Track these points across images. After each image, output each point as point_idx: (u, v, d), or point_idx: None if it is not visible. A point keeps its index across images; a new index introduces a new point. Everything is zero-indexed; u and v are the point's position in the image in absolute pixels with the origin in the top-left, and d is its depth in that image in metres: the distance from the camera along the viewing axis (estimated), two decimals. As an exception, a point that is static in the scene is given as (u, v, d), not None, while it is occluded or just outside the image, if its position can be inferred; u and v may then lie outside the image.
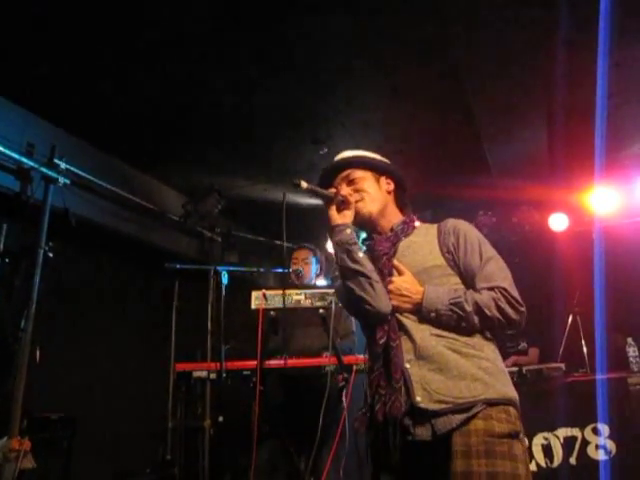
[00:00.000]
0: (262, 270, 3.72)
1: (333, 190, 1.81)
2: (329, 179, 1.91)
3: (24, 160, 3.63)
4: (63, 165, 3.71)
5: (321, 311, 3.06)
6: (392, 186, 1.92)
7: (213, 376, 3.05)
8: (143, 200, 4.85)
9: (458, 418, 1.49)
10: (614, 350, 4.14)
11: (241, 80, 3.62)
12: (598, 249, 4.67)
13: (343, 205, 1.80)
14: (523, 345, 4.87)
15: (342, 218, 1.79)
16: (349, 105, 4.02)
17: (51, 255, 3.39)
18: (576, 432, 3.58)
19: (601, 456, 3.47)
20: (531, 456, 3.51)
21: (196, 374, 3.13)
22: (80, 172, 4.04)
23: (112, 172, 4.58)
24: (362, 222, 1.86)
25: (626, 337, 4.10)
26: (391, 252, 1.80)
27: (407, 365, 1.60)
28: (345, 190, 1.83)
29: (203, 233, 5.55)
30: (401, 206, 1.94)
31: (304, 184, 1.69)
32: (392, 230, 1.85)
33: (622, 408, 3.52)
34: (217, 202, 5.04)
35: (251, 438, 2.82)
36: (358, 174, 1.88)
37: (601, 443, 3.49)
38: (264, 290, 3.21)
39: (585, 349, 4.38)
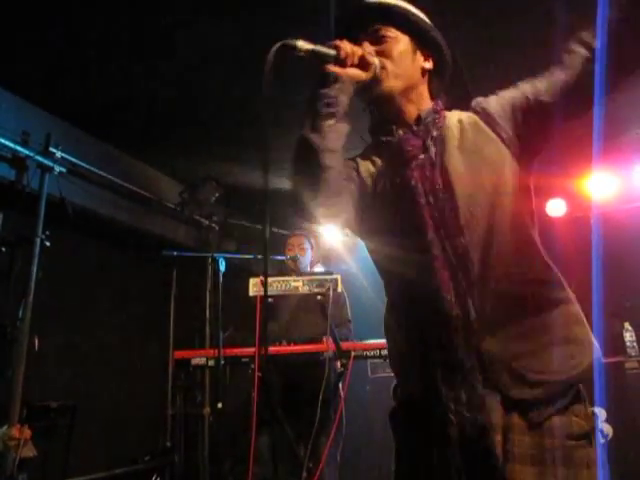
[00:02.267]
0: (259, 257, 3.71)
1: (343, 45, 1.23)
2: (349, 28, 1.38)
3: (19, 149, 3.61)
4: (59, 153, 3.69)
5: (319, 297, 3.06)
6: (430, 65, 1.40)
7: (212, 363, 3.05)
8: (140, 188, 4.83)
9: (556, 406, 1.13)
10: (611, 335, 4.16)
11: (235, 65, 3.60)
12: (596, 235, 4.66)
13: (358, 66, 1.26)
14: None
15: (348, 75, 1.24)
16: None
17: (48, 244, 3.38)
18: (573, 416, 3.60)
19: (597, 439, 3.50)
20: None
21: (195, 361, 3.13)
22: (76, 160, 4.02)
23: (108, 160, 4.56)
24: (376, 99, 1.34)
25: (623, 322, 4.12)
26: (432, 153, 1.28)
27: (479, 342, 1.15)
28: (368, 48, 1.30)
29: (200, 221, 5.54)
30: (434, 94, 1.41)
31: (303, 44, 1.19)
32: (419, 120, 1.33)
33: (619, 392, 3.54)
34: (214, 190, 5.03)
35: (250, 424, 2.83)
36: (391, 33, 1.34)
37: (598, 427, 3.52)
38: (262, 277, 3.21)
39: (582, 334, 4.40)
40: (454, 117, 1.35)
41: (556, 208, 5.57)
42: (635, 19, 1.12)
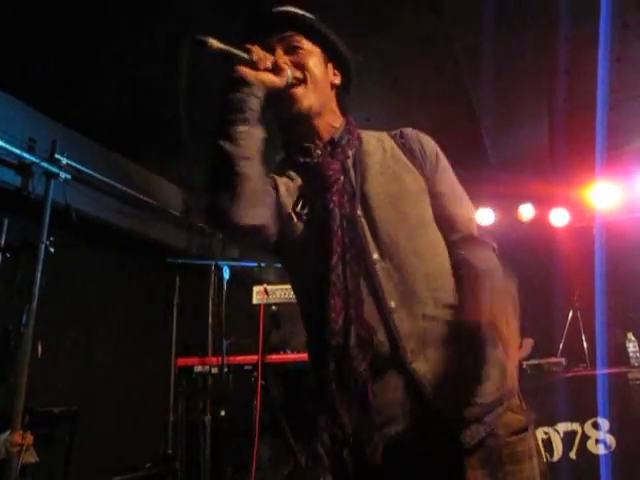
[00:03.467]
0: (263, 265, 3.72)
1: (255, 49, 1.20)
2: (261, 32, 1.31)
3: (25, 155, 3.63)
4: (64, 160, 3.71)
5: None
6: (338, 80, 1.36)
7: (214, 371, 3.06)
8: (144, 195, 4.85)
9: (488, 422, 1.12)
10: (614, 345, 4.15)
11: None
12: (599, 244, 4.68)
13: (271, 71, 1.22)
14: None
15: (259, 78, 1.19)
16: (350, 100, 4.01)
17: (52, 250, 3.39)
18: (576, 427, 3.58)
19: (601, 450, 3.48)
20: (531, 450, 3.52)
21: (197, 369, 3.14)
22: (81, 167, 4.04)
23: (113, 167, 4.58)
24: (295, 117, 1.28)
25: (626, 332, 4.11)
26: (352, 178, 1.25)
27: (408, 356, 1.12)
28: (282, 57, 1.25)
29: (204, 228, 5.55)
30: (342, 110, 1.38)
31: (214, 42, 1.15)
32: (333, 142, 1.30)
33: (622, 403, 3.53)
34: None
35: (252, 432, 2.83)
36: (305, 44, 1.29)
37: (601, 437, 3.50)
38: (265, 285, 3.22)
39: (585, 344, 4.39)
40: (372, 139, 1.33)
41: (559, 218, 5.57)
42: None
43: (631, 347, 4.02)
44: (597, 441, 3.51)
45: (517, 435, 1.14)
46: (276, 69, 1.21)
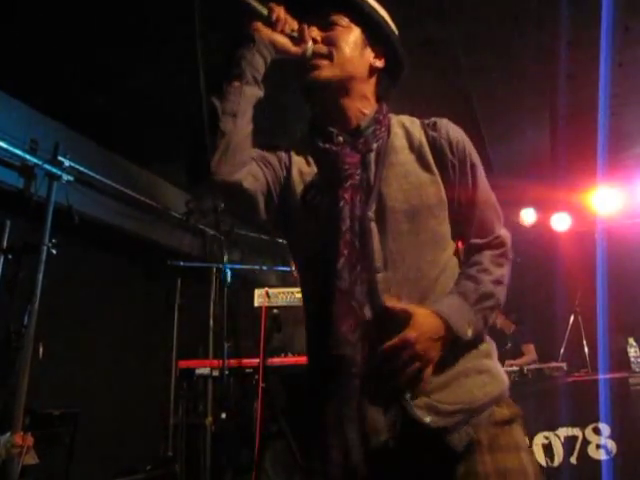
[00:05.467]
0: (265, 268, 3.73)
1: (277, 9, 1.17)
2: (300, 9, 1.24)
3: (28, 157, 3.64)
4: (67, 162, 3.72)
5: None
6: (381, 64, 1.28)
7: (215, 373, 3.06)
8: (146, 197, 4.86)
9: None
10: (615, 350, 4.14)
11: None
12: (600, 249, 4.68)
13: (289, 37, 1.19)
14: (509, 345, 4.86)
15: (272, 39, 1.17)
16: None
17: (54, 252, 3.40)
18: (577, 432, 3.58)
19: (602, 456, 3.47)
20: (532, 455, 3.51)
21: (198, 371, 3.14)
22: (83, 169, 4.05)
23: (115, 169, 4.59)
24: (314, 90, 1.24)
25: (627, 337, 4.10)
26: (371, 174, 1.18)
27: None
28: (313, 31, 1.21)
29: (206, 231, 5.55)
30: (380, 97, 1.29)
31: None
32: (358, 130, 1.22)
33: (623, 408, 3.52)
34: (220, 200, 5.05)
35: (253, 436, 2.83)
36: (343, 22, 1.24)
37: (602, 443, 3.49)
38: (267, 288, 3.22)
39: (586, 349, 4.38)
40: (400, 130, 1.25)
41: (561, 222, 5.57)
42: None
43: (632, 352, 4.02)
44: (598, 446, 3.50)
45: (500, 426, 1.11)
46: (297, 38, 1.18)
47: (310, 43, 1.19)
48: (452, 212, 1.21)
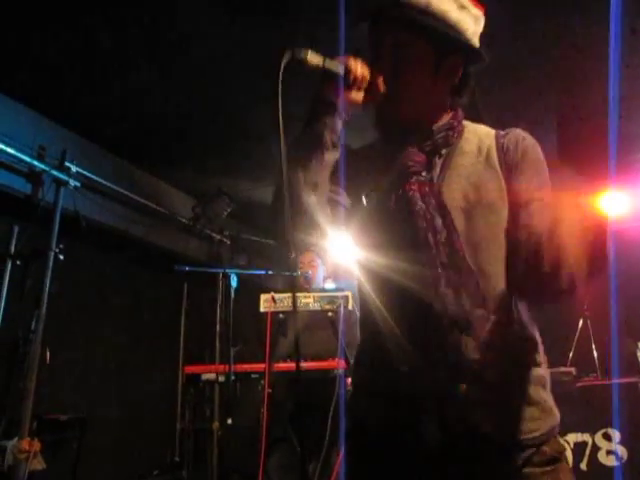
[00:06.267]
0: (271, 273, 3.72)
1: (354, 67, 1.13)
2: (366, 26, 1.23)
3: (35, 163, 3.67)
4: (74, 168, 3.74)
5: (330, 314, 3.06)
6: (459, 74, 1.23)
7: (222, 379, 3.05)
8: (152, 203, 4.87)
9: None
10: (625, 355, 4.10)
11: (250, 82, 3.64)
12: (609, 252, 4.64)
13: (369, 90, 1.17)
14: None
15: (350, 99, 1.16)
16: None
17: (62, 257, 3.41)
18: (587, 437, 3.54)
19: (612, 462, 3.43)
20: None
21: (205, 376, 3.14)
22: (90, 175, 4.07)
23: (122, 175, 4.61)
24: (383, 117, 1.23)
25: (636, 342, 4.07)
26: (435, 175, 1.18)
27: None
28: (380, 69, 1.17)
29: (212, 236, 5.57)
30: (455, 104, 1.27)
31: (312, 57, 1.11)
32: (432, 135, 1.21)
33: (633, 413, 3.48)
34: (226, 205, 5.06)
35: (260, 441, 2.82)
36: (413, 49, 1.18)
37: (612, 449, 3.46)
38: (273, 293, 3.22)
39: (596, 353, 4.34)
40: (473, 136, 1.23)
41: (569, 226, 5.53)
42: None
43: (642, 357, 3.98)
44: (608, 452, 3.47)
45: (540, 467, 1.08)
46: (371, 89, 1.16)
47: (383, 89, 1.17)
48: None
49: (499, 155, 1.18)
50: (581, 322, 4.52)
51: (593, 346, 4.39)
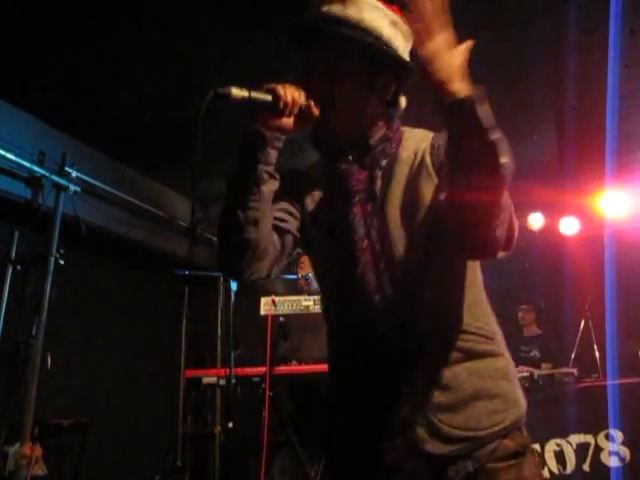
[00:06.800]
0: (271, 276, 3.72)
1: (282, 93, 1.09)
2: (302, 38, 1.22)
3: (35, 168, 3.66)
4: (74, 173, 3.74)
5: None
6: (392, 89, 1.22)
7: (223, 382, 3.05)
8: (153, 207, 4.88)
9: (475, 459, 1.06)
10: (627, 355, 4.10)
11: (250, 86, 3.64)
12: (609, 253, 4.63)
13: (301, 113, 1.13)
14: (535, 353, 4.79)
15: (281, 126, 1.12)
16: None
17: (62, 262, 3.41)
18: (589, 438, 3.53)
19: (615, 463, 3.42)
20: (543, 463, 3.47)
21: (206, 380, 3.14)
22: (91, 180, 4.07)
23: (122, 179, 4.61)
24: (319, 137, 1.23)
25: (638, 342, 4.06)
26: (375, 189, 1.18)
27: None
28: (316, 81, 1.16)
29: (212, 239, 5.56)
30: (388, 119, 1.24)
31: (236, 92, 1.09)
32: (368, 149, 1.21)
33: (636, 414, 3.48)
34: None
35: (261, 444, 2.82)
36: (347, 65, 1.16)
37: (614, 449, 3.45)
38: (273, 296, 3.21)
39: (597, 354, 4.34)
40: (412, 143, 1.22)
41: (569, 226, 5.53)
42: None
43: (644, 357, 3.98)
44: (610, 453, 3.46)
45: (503, 462, 1.07)
46: (304, 114, 1.13)
47: (316, 112, 1.14)
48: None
49: (432, 154, 1.17)
50: (583, 323, 4.51)
51: (595, 347, 4.38)
